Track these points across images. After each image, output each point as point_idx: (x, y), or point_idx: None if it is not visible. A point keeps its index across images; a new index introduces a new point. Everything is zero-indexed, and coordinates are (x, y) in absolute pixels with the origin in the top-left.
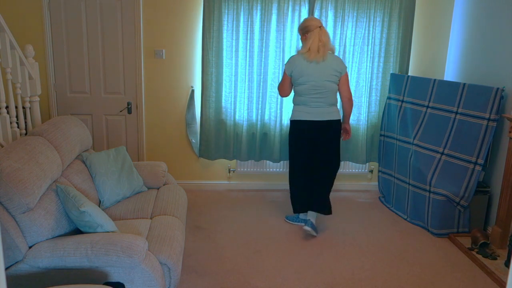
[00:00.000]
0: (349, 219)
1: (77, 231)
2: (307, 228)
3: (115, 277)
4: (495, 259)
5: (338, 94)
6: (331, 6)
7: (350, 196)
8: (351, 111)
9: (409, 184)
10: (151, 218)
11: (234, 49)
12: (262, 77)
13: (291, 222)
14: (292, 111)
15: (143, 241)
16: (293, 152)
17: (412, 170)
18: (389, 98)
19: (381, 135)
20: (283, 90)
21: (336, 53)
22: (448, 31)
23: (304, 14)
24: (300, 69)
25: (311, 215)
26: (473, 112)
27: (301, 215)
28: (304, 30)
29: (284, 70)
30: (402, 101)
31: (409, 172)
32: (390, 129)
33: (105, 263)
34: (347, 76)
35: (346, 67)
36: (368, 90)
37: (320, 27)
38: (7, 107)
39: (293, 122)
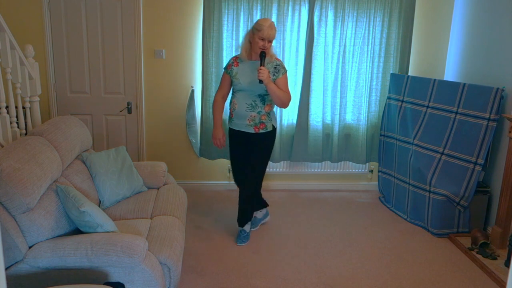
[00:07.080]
0: (349, 219)
1: (77, 231)
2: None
3: (115, 277)
4: (495, 259)
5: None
6: (331, 6)
7: (350, 196)
8: None
9: (409, 184)
10: (151, 218)
11: (234, 49)
12: None
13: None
14: (274, 118)
15: (143, 241)
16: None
17: (412, 170)
18: (389, 98)
19: (381, 135)
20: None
21: (336, 53)
22: (448, 31)
23: (304, 14)
24: None
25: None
26: (473, 112)
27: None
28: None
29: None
30: (402, 101)
31: (409, 172)
32: (390, 129)
33: (105, 263)
34: None
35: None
36: (368, 90)
37: None
38: (7, 107)
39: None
